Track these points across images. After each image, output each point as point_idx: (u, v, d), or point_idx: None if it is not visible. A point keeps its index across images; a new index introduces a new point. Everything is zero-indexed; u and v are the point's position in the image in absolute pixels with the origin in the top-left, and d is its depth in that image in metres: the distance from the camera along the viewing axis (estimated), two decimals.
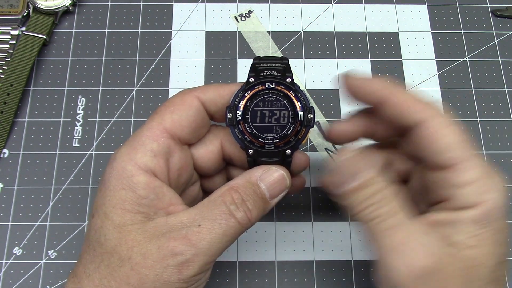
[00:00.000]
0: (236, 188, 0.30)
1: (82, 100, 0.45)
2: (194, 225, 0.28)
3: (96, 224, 0.29)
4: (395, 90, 0.31)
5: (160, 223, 0.29)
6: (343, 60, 0.48)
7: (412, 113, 0.30)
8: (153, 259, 0.27)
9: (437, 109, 0.30)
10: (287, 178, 0.31)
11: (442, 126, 0.29)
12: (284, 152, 0.31)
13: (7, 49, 0.46)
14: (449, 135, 0.29)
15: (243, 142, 0.31)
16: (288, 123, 0.31)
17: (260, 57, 0.33)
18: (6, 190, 0.42)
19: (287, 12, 0.50)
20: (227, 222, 0.29)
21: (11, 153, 0.43)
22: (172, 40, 0.48)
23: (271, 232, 0.41)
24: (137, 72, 0.46)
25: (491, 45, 0.48)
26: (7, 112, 0.44)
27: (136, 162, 0.29)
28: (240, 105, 0.31)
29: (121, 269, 0.28)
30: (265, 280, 0.40)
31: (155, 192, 0.29)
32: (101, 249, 0.28)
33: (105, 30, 0.48)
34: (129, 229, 0.28)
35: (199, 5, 0.50)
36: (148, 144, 0.30)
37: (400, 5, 0.50)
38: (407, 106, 0.30)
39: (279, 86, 0.31)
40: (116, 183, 0.29)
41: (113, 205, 0.29)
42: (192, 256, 0.28)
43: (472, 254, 0.28)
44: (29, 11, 0.47)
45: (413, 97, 0.30)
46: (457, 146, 0.29)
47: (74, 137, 0.44)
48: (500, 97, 0.47)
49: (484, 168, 0.29)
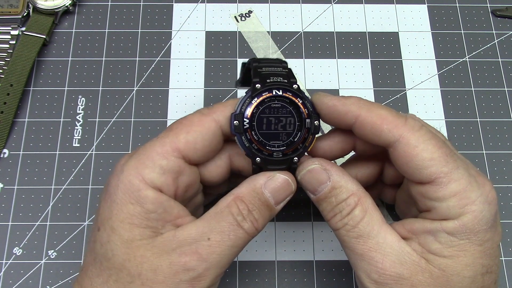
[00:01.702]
0: (241, 197, 0.29)
1: (82, 100, 0.45)
2: (203, 239, 0.28)
3: (102, 238, 0.29)
4: (367, 109, 0.30)
5: (169, 237, 0.28)
6: (343, 60, 0.48)
7: (386, 132, 0.29)
8: (164, 275, 0.27)
9: (413, 124, 0.29)
10: (292, 183, 0.31)
11: (419, 142, 0.29)
12: (292, 159, 0.31)
13: (7, 49, 0.46)
14: (426, 150, 0.28)
15: (250, 151, 0.30)
16: (294, 130, 0.31)
17: (258, 60, 0.32)
18: (6, 190, 0.42)
19: (287, 12, 0.50)
20: (235, 233, 0.29)
21: (11, 153, 0.43)
22: (172, 40, 0.48)
23: (271, 232, 0.41)
24: (137, 72, 0.46)
25: (491, 45, 0.48)
26: (7, 112, 0.44)
27: (143, 177, 0.29)
28: (247, 112, 0.30)
29: (131, 285, 0.28)
30: (265, 280, 0.40)
31: (163, 206, 0.29)
32: (108, 264, 0.28)
33: (105, 30, 0.48)
34: (138, 244, 0.28)
35: (199, 5, 0.50)
36: (158, 161, 0.29)
37: (400, 5, 0.50)
38: (381, 125, 0.29)
39: (286, 93, 0.30)
40: (124, 197, 0.29)
41: (121, 220, 0.28)
42: (204, 270, 0.28)
43: (447, 264, 0.28)
44: (29, 11, 0.47)
45: (387, 114, 0.29)
46: (435, 162, 0.28)
47: (74, 137, 0.44)
48: (500, 97, 0.47)
49: (467, 179, 0.28)
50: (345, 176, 0.30)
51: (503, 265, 0.40)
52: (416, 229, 0.29)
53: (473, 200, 0.28)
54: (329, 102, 0.30)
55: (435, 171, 0.28)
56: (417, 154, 0.28)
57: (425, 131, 0.29)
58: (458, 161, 0.29)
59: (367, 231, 0.29)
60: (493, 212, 0.29)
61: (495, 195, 0.29)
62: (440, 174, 0.28)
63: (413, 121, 0.29)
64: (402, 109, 0.46)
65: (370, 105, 0.30)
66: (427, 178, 0.28)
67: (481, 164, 0.44)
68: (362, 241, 0.29)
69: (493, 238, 0.29)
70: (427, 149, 0.28)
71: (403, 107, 0.46)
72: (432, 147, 0.28)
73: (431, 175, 0.28)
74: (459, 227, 0.28)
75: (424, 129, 0.29)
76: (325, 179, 0.30)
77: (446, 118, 0.46)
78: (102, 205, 0.30)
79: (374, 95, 0.46)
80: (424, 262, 0.28)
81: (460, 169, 0.28)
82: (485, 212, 0.28)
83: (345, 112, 0.30)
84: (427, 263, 0.28)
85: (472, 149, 0.44)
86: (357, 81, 0.47)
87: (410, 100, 0.46)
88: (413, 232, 0.30)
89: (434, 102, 0.46)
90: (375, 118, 0.29)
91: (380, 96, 0.46)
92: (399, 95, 0.46)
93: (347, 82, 0.47)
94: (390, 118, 0.29)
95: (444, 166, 0.28)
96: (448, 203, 0.28)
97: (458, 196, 0.28)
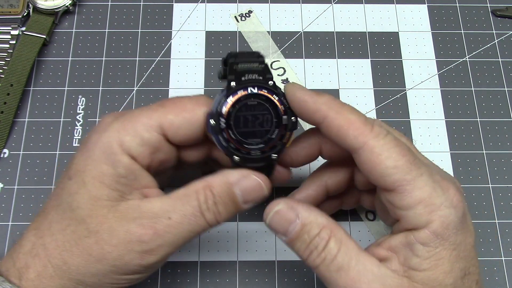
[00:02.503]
0: (212, 187, 0.30)
1: (82, 100, 0.45)
2: (164, 217, 0.29)
3: (72, 188, 0.30)
4: (337, 110, 0.29)
5: (133, 206, 0.29)
6: (343, 60, 0.48)
7: (352, 138, 0.29)
8: (118, 240, 0.28)
9: (379, 132, 0.29)
10: (264, 187, 0.31)
11: (383, 150, 0.28)
12: (270, 157, 0.31)
13: (7, 49, 0.46)
14: (389, 158, 0.28)
15: (228, 150, 0.30)
16: (272, 127, 0.31)
17: (235, 55, 0.31)
18: (6, 190, 0.42)
19: (287, 12, 0.50)
20: (196, 220, 0.29)
21: (11, 153, 0.43)
22: (172, 40, 0.48)
23: (271, 232, 0.41)
24: (137, 72, 0.46)
25: (491, 45, 0.48)
26: (7, 112, 0.44)
27: (123, 143, 0.30)
28: (224, 111, 0.30)
29: (86, 240, 0.28)
30: (265, 280, 0.40)
31: (134, 174, 0.30)
32: (71, 214, 0.29)
33: (105, 30, 0.48)
34: (103, 204, 0.29)
35: (199, 5, 0.50)
36: (140, 132, 0.30)
37: (400, 5, 0.50)
38: (347, 130, 0.29)
39: (262, 90, 0.30)
40: (100, 156, 0.30)
41: (93, 176, 0.29)
42: (156, 246, 0.29)
43: (428, 276, 0.28)
44: (29, 11, 0.47)
45: (355, 119, 0.29)
46: (398, 170, 0.28)
47: (74, 137, 0.44)
48: (500, 97, 0.47)
49: (431, 186, 0.28)
50: (313, 211, 0.30)
51: (503, 265, 0.40)
52: (395, 246, 0.29)
53: (438, 206, 0.28)
54: (300, 97, 0.30)
55: (398, 179, 0.28)
56: (381, 162, 0.28)
57: (390, 138, 0.29)
58: (422, 167, 0.29)
59: (346, 262, 0.29)
60: (460, 214, 0.29)
61: (460, 197, 0.29)
62: (403, 182, 0.28)
63: (379, 128, 0.29)
64: (402, 109, 0.46)
65: (340, 107, 0.30)
66: (391, 185, 0.28)
67: (481, 164, 0.44)
68: (343, 274, 0.29)
69: (465, 240, 0.29)
70: (390, 157, 0.28)
71: (403, 107, 0.46)
72: (396, 155, 0.28)
73: (395, 182, 0.28)
74: (430, 235, 0.28)
75: (389, 137, 0.29)
76: (294, 217, 0.30)
77: (446, 118, 0.46)
78: (77, 156, 0.31)
79: (374, 95, 0.46)
80: (406, 281, 0.28)
81: (424, 176, 0.28)
82: (452, 216, 0.28)
83: (314, 110, 0.30)
84: (409, 281, 0.28)
85: (472, 149, 0.45)
86: (357, 81, 0.47)
87: (410, 100, 0.46)
88: (392, 250, 0.30)
89: (434, 102, 0.46)
90: (343, 122, 0.29)
91: (380, 96, 0.46)
92: (399, 95, 0.46)
93: (347, 82, 0.47)
94: (357, 124, 0.29)
95: (408, 174, 0.28)
96: (415, 211, 0.28)
97: (423, 203, 0.28)
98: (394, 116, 0.45)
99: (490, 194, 0.43)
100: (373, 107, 0.46)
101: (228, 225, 0.41)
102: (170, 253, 0.30)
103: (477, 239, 0.41)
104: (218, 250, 0.40)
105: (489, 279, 0.40)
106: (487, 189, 0.43)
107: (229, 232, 0.41)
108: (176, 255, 0.40)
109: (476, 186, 0.43)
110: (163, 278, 0.39)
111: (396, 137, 0.30)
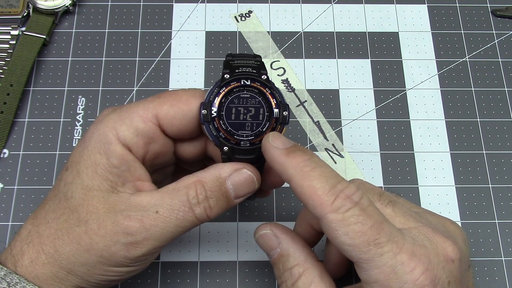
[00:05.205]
0: (203, 182, 0.30)
1: (82, 100, 0.45)
2: (152, 210, 0.29)
3: (67, 178, 0.30)
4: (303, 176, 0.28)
5: (123, 198, 0.29)
6: (343, 60, 0.48)
7: (311, 207, 0.28)
8: (106, 231, 0.29)
9: (339, 206, 0.27)
10: (255, 181, 0.31)
11: (340, 226, 0.27)
12: (259, 148, 0.31)
13: (7, 49, 0.46)
14: (346, 235, 0.27)
15: (218, 139, 0.31)
16: (263, 120, 0.31)
17: (233, 54, 0.32)
18: (6, 190, 0.42)
19: (287, 12, 0.50)
20: (184, 215, 0.29)
21: (11, 153, 0.43)
22: (172, 40, 0.48)
23: None
24: (137, 72, 0.46)
25: (491, 45, 0.48)
26: (7, 112, 0.44)
27: (117, 133, 0.30)
28: (215, 102, 0.31)
29: (76, 229, 0.29)
30: (265, 280, 0.40)
31: (127, 164, 0.30)
32: (65, 203, 0.30)
33: (105, 30, 0.48)
34: (94, 194, 0.29)
35: (199, 5, 0.50)
36: (136, 122, 0.30)
37: (400, 5, 0.50)
38: (308, 198, 0.28)
39: (255, 83, 0.31)
40: (95, 145, 0.30)
41: (87, 166, 0.30)
42: (142, 239, 0.29)
43: None
44: (29, 11, 0.47)
45: (318, 187, 0.27)
46: (354, 248, 0.27)
47: (74, 137, 0.44)
48: (500, 97, 0.47)
49: (390, 268, 0.26)
50: (296, 245, 0.31)
51: (503, 265, 0.40)
52: None
53: (404, 281, 0.26)
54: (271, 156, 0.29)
55: (354, 256, 0.27)
56: (337, 237, 0.27)
57: (351, 214, 0.27)
58: (389, 245, 0.27)
59: None
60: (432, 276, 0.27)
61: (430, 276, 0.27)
62: (360, 260, 0.27)
63: (342, 202, 0.27)
64: (402, 109, 0.46)
65: (307, 172, 0.28)
66: (350, 258, 0.28)
67: (481, 164, 0.44)
68: None
69: None
70: (347, 235, 0.27)
71: (403, 107, 0.46)
72: (353, 234, 0.27)
73: (352, 258, 0.27)
74: None
75: (351, 212, 0.27)
76: (275, 245, 0.31)
77: (446, 118, 0.46)
78: (76, 149, 0.31)
79: (374, 95, 0.46)
80: None
81: (384, 256, 0.26)
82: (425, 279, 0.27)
83: (281, 172, 0.29)
84: None
85: (472, 149, 0.45)
86: (357, 81, 0.47)
87: (410, 100, 0.46)
88: None
89: (434, 102, 0.46)
90: (305, 190, 0.28)
91: (380, 96, 0.46)
92: (399, 95, 0.46)
93: (347, 82, 0.47)
94: (319, 193, 0.27)
95: (364, 254, 0.27)
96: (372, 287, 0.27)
97: (379, 284, 0.27)
98: (394, 116, 0.45)
99: (490, 194, 0.43)
100: (373, 107, 0.46)
101: (228, 225, 0.41)
102: (158, 247, 0.30)
103: (477, 239, 0.41)
104: (218, 250, 0.40)
105: (489, 279, 0.40)
106: (487, 189, 0.43)
107: (229, 232, 0.41)
108: (176, 255, 0.40)
109: (476, 186, 0.43)
110: (163, 278, 0.39)
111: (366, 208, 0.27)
